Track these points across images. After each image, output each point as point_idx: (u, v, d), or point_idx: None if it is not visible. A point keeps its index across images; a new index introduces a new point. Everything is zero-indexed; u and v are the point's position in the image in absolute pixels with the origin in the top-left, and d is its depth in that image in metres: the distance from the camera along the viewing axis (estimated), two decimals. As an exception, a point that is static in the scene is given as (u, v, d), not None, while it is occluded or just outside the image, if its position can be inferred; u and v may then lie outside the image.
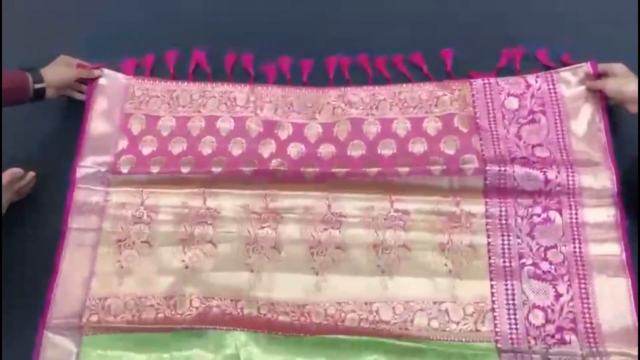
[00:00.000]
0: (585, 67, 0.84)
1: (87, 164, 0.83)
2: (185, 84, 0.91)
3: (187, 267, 0.78)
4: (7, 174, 0.77)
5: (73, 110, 0.88)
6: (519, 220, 0.77)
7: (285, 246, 0.78)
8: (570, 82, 0.85)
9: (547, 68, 0.87)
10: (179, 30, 0.96)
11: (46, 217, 0.82)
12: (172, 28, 0.97)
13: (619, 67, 0.79)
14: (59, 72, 0.81)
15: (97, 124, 0.86)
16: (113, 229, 0.80)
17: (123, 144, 0.85)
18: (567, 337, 0.70)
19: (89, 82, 0.88)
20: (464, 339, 0.71)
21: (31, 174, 0.81)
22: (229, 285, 0.76)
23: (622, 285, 0.72)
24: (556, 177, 0.76)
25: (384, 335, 0.70)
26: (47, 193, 0.84)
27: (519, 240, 0.76)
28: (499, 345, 0.70)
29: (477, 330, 0.71)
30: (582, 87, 0.84)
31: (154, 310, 0.75)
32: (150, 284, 0.77)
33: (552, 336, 0.70)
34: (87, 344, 0.74)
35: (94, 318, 0.75)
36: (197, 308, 0.75)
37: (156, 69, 0.93)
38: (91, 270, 0.78)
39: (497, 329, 0.71)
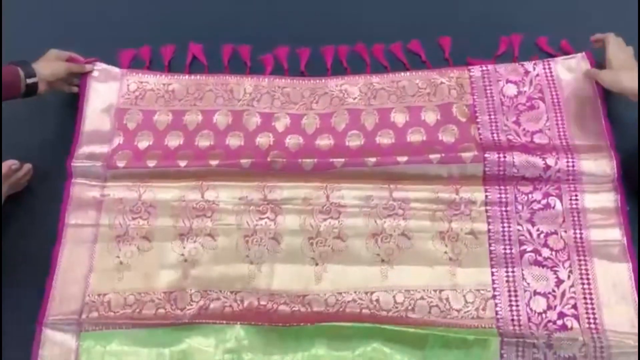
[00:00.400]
0: (581, 56, 0.84)
1: (83, 160, 0.82)
2: (181, 76, 0.90)
3: (186, 260, 0.77)
4: (4, 166, 0.76)
5: (70, 103, 0.87)
6: (519, 207, 0.77)
7: (285, 237, 0.78)
8: (568, 68, 0.84)
9: (548, 55, 0.87)
10: (176, 24, 0.95)
11: (44, 212, 0.81)
12: (169, 21, 0.96)
13: (613, 53, 0.75)
14: (50, 66, 0.80)
15: (92, 119, 0.86)
16: (111, 224, 0.80)
17: (119, 139, 0.84)
18: (568, 323, 0.69)
19: (82, 76, 0.87)
20: (465, 326, 0.70)
21: (28, 165, 0.81)
22: (229, 278, 0.76)
23: (623, 270, 0.72)
24: (556, 163, 0.76)
25: (384, 322, 0.70)
26: (45, 187, 0.83)
27: (519, 227, 0.76)
28: (501, 331, 0.70)
29: (478, 318, 0.71)
30: (580, 73, 0.83)
31: (154, 306, 0.75)
32: (150, 279, 0.77)
33: (554, 322, 0.70)
34: (87, 340, 0.73)
35: (94, 314, 0.74)
36: (197, 302, 0.75)
37: (153, 63, 0.92)
38: (90, 266, 0.78)
39: (498, 316, 0.71)
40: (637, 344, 0.67)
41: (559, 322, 0.70)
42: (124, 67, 0.90)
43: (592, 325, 0.69)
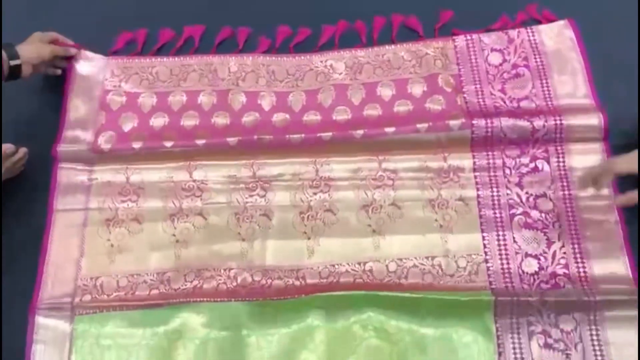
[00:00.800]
0: (564, 23, 0.85)
1: (69, 144, 0.82)
2: (164, 58, 0.89)
3: (178, 241, 0.77)
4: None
5: (57, 89, 0.86)
6: (507, 171, 0.77)
7: (276, 213, 0.78)
8: (551, 34, 0.85)
9: (538, 23, 0.87)
10: (175, 10, 0.95)
11: (33, 198, 0.81)
12: (168, 7, 0.96)
13: (628, 157, 0.65)
14: (35, 49, 0.79)
15: (77, 105, 0.85)
16: (100, 208, 0.79)
17: (101, 120, 0.84)
18: (561, 283, 0.70)
19: (68, 61, 0.86)
20: (459, 289, 0.70)
21: (23, 149, 0.79)
22: (222, 256, 0.76)
23: (612, 227, 0.72)
24: (544, 125, 0.76)
25: (379, 289, 0.70)
26: (32, 173, 0.82)
27: (508, 191, 0.76)
28: (494, 291, 0.70)
29: (471, 282, 0.71)
30: (563, 39, 0.84)
31: (148, 287, 0.75)
32: (142, 261, 0.76)
33: (547, 282, 0.70)
34: (81, 323, 0.73)
35: (87, 297, 0.74)
36: (191, 282, 0.74)
37: (150, 46, 0.91)
38: (81, 250, 0.77)
39: (491, 279, 0.71)
40: (631, 298, 0.67)
41: (552, 282, 0.70)
42: (118, 47, 0.90)
43: (585, 283, 0.69)
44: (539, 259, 0.72)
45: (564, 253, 0.72)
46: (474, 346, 0.68)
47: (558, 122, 0.76)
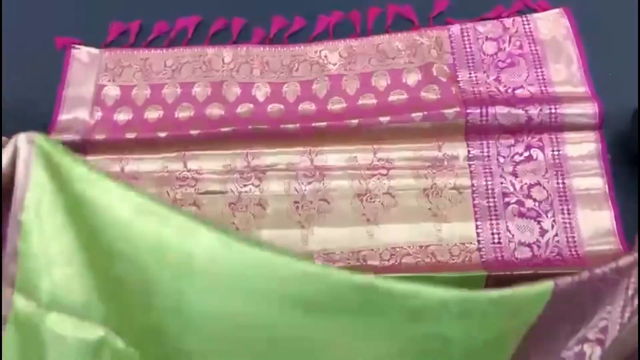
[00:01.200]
0: (559, 12, 0.85)
1: (62, 136, 0.81)
2: (158, 50, 0.89)
3: (172, 231, 0.77)
4: None
5: (53, 82, 0.87)
6: (502, 160, 0.77)
7: (270, 202, 0.78)
8: (546, 23, 0.85)
9: (532, 11, 0.87)
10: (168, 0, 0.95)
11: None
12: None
13: None
14: None
15: (71, 98, 0.85)
16: (95, 198, 0.80)
17: (97, 115, 0.84)
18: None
19: (64, 59, 0.86)
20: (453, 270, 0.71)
21: None
22: (216, 246, 0.76)
23: (605, 218, 0.73)
24: (538, 114, 0.76)
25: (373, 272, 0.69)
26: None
27: (502, 180, 0.76)
28: (487, 267, 0.70)
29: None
30: (559, 27, 0.84)
31: (143, 277, 0.75)
32: (137, 251, 0.77)
33: (541, 265, 0.70)
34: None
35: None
36: (186, 272, 0.75)
37: (141, 38, 0.91)
38: (76, 241, 0.77)
39: (484, 266, 0.71)
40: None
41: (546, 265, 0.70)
42: (112, 39, 0.90)
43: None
44: (532, 248, 0.72)
45: (557, 242, 0.72)
46: None
47: (553, 110, 0.76)
